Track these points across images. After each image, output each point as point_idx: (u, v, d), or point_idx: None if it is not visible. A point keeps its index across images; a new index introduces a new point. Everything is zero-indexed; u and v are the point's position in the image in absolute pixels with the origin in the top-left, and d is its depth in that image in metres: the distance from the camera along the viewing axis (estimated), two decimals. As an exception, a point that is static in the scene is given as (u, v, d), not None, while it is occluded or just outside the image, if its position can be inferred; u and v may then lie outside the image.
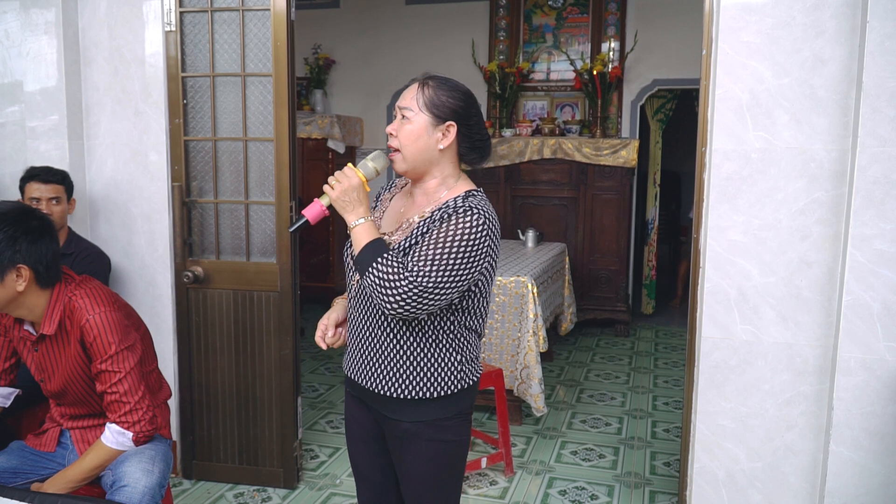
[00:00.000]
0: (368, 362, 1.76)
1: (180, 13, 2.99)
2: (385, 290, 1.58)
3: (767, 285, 2.42)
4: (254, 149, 3.04)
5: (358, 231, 1.66)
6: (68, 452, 2.26)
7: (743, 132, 2.39)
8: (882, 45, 2.15)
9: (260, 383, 3.13)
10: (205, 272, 3.10)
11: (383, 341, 1.73)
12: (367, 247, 1.63)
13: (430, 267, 1.58)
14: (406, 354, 1.72)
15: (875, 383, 2.27)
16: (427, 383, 1.73)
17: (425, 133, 1.70)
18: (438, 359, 1.73)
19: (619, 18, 6.00)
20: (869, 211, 2.21)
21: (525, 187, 5.96)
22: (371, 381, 1.76)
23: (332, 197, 1.66)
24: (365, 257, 1.62)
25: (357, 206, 1.66)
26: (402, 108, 1.72)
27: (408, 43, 6.56)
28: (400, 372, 1.72)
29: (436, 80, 1.73)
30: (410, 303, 1.57)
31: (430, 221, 1.68)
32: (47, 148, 3.14)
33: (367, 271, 1.61)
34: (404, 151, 1.71)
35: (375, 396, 1.77)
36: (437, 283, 1.58)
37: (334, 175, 1.67)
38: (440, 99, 1.70)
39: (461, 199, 1.70)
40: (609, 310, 5.93)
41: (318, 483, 3.25)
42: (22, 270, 1.98)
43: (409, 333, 1.71)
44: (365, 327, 1.75)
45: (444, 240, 1.60)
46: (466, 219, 1.62)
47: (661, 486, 3.27)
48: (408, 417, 1.74)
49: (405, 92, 1.74)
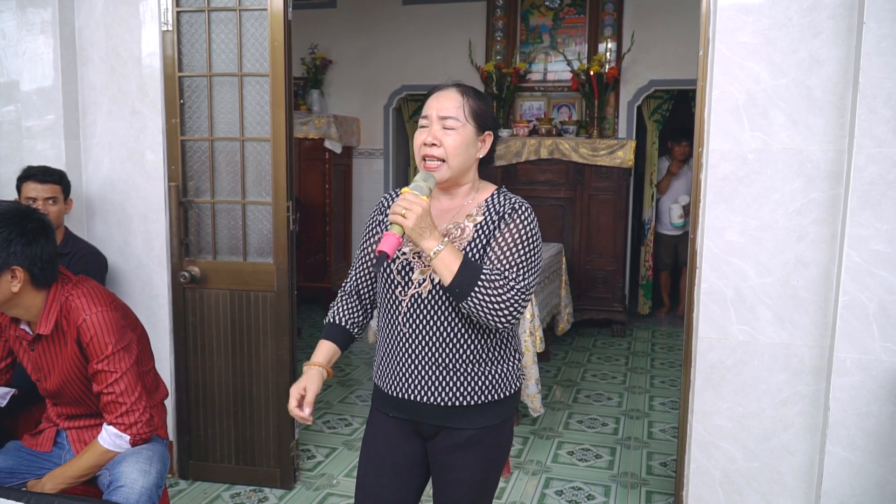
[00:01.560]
0: (427, 375, 1.71)
1: (177, 13, 2.98)
2: (495, 306, 1.58)
3: (764, 285, 2.43)
4: (250, 149, 3.04)
5: (444, 256, 1.58)
6: (65, 452, 2.25)
7: (739, 133, 2.39)
8: (878, 45, 2.15)
9: (256, 383, 3.12)
10: (201, 272, 3.10)
11: (450, 351, 1.69)
12: (462, 269, 1.58)
13: (523, 270, 1.63)
14: (475, 359, 1.70)
15: (871, 383, 2.27)
16: (495, 385, 1.73)
17: (471, 143, 1.71)
18: (503, 358, 1.75)
19: (615, 19, 6.01)
20: (865, 211, 2.22)
21: (522, 188, 5.95)
22: (432, 395, 1.71)
23: (409, 227, 1.56)
24: (464, 280, 1.58)
25: (433, 230, 1.59)
26: (445, 117, 1.67)
27: (405, 43, 6.56)
28: (470, 379, 1.70)
29: (472, 90, 1.74)
30: (518, 309, 1.61)
31: (487, 224, 1.70)
32: (44, 147, 3.13)
33: (473, 293, 1.57)
34: (451, 161, 1.68)
35: (436, 409, 1.72)
36: (532, 283, 1.65)
37: (398, 203, 1.58)
38: (482, 109, 1.72)
39: (498, 196, 1.75)
40: (606, 310, 5.94)
41: (315, 483, 3.25)
42: (16, 272, 1.97)
43: (477, 338, 1.70)
44: (422, 340, 1.70)
45: (519, 241, 1.65)
46: (524, 216, 1.69)
47: (658, 486, 3.27)
48: (474, 424, 1.73)
49: (441, 100, 1.70)
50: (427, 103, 1.73)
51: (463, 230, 1.71)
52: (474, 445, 1.74)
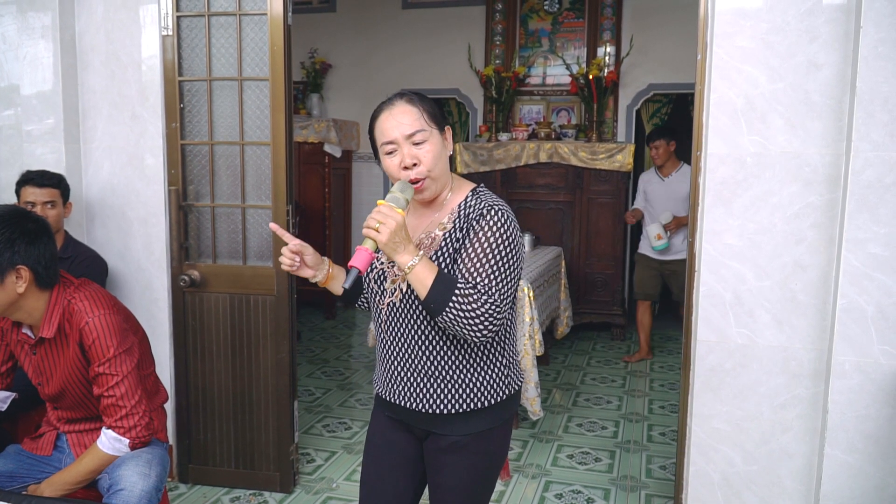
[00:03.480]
0: (407, 382, 1.71)
1: (177, 17, 2.99)
2: (470, 320, 1.52)
3: (762, 289, 2.43)
4: (250, 153, 3.05)
5: (418, 271, 1.53)
6: (65, 456, 2.25)
7: (738, 136, 2.40)
8: (875, 49, 2.16)
9: (256, 387, 3.13)
10: (201, 276, 3.10)
11: (427, 359, 1.69)
12: (436, 284, 1.53)
13: (497, 279, 1.56)
14: (452, 369, 1.68)
15: (870, 386, 2.28)
16: (476, 394, 1.70)
17: (442, 147, 1.68)
18: (484, 368, 1.71)
19: (614, 23, 6.02)
20: (863, 215, 2.22)
21: (521, 191, 5.97)
22: (417, 401, 1.71)
23: (382, 241, 1.51)
24: (438, 295, 1.53)
25: (407, 244, 1.54)
26: (411, 133, 1.62)
27: (404, 47, 6.58)
28: (448, 387, 1.69)
29: (414, 93, 1.70)
30: (495, 321, 1.54)
31: (456, 232, 1.65)
32: (43, 152, 3.14)
33: (447, 308, 1.53)
34: (433, 173, 1.64)
35: (422, 415, 1.72)
36: (508, 292, 1.57)
37: (372, 216, 1.52)
38: (434, 109, 1.68)
39: (472, 198, 1.69)
40: (605, 313, 5.94)
41: (315, 487, 3.25)
42: (21, 271, 1.98)
43: (454, 347, 1.68)
44: (403, 349, 1.71)
45: (491, 248, 1.57)
46: (496, 219, 1.60)
47: (657, 489, 3.27)
48: (458, 431, 1.71)
49: (396, 118, 1.63)
50: (381, 127, 1.65)
51: (433, 239, 1.68)
52: (459, 451, 1.72)
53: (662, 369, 5.13)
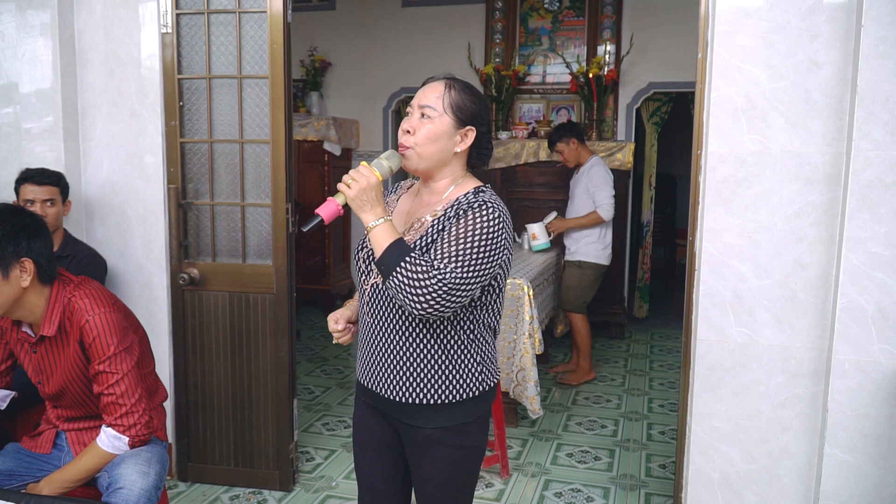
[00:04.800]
0: (386, 370, 1.72)
1: (177, 15, 2.98)
2: (413, 290, 1.54)
3: (762, 288, 2.43)
4: (250, 151, 3.04)
5: (378, 232, 1.59)
6: (64, 454, 2.25)
7: (738, 135, 2.40)
8: (876, 48, 2.16)
9: (256, 386, 3.12)
10: (201, 274, 3.10)
11: (402, 347, 1.69)
12: (390, 247, 1.57)
13: (456, 263, 1.56)
14: (427, 359, 1.69)
15: (869, 385, 2.28)
16: (450, 387, 1.71)
17: (446, 135, 1.68)
18: (460, 361, 1.71)
19: (614, 21, 6.01)
20: (863, 214, 2.22)
21: (521, 190, 5.97)
22: (390, 389, 1.72)
23: (350, 196, 1.59)
24: (389, 258, 1.56)
25: (375, 205, 1.60)
26: (424, 106, 1.67)
27: (404, 45, 6.57)
28: (421, 377, 1.69)
29: (460, 82, 1.72)
30: (441, 300, 1.54)
31: (444, 219, 1.67)
32: (42, 150, 3.13)
33: (394, 273, 1.55)
34: (420, 150, 1.67)
35: (395, 404, 1.73)
36: (463, 279, 1.57)
37: (349, 174, 1.60)
38: (465, 103, 1.69)
39: (472, 194, 1.70)
40: (604, 312, 5.93)
41: (314, 485, 3.25)
42: (25, 264, 1.98)
43: (430, 337, 1.68)
44: (381, 333, 1.72)
45: (464, 235, 1.59)
46: (483, 213, 1.61)
47: (657, 488, 3.27)
48: (430, 423, 1.71)
49: (426, 90, 1.70)
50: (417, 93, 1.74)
51: (423, 224, 1.70)
52: (434, 445, 1.73)
53: (662, 368, 5.13)
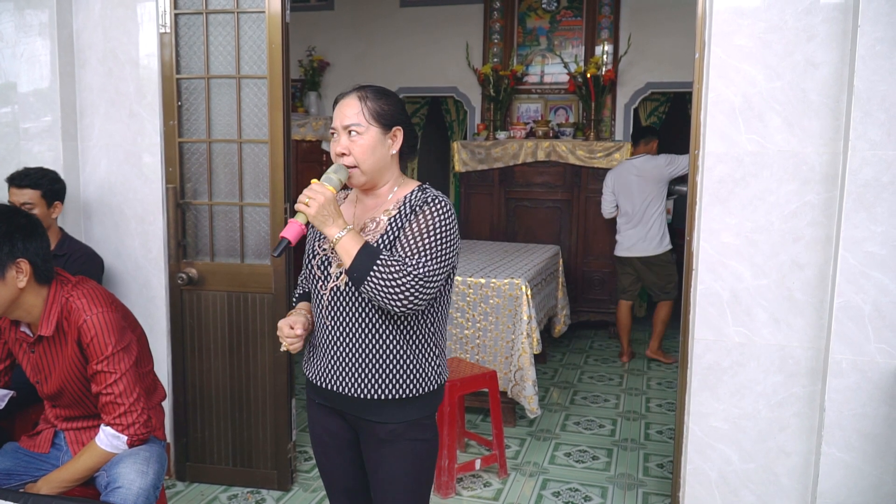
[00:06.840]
0: (346, 368, 1.76)
1: (175, 15, 2.98)
2: (391, 289, 1.62)
3: (760, 287, 2.44)
4: (248, 151, 3.04)
5: (345, 242, 1.67)
6: (62, 454, 2.25)
7: (735, 135, 2.40)
8: (873, 48, 2.17)
9: (254, 385, 3.12)
10: (199, 274, 3.10)
11: (368, 345, 1.74)
12: (359, 254, 1.65)
13: (427, 257, 1.66)
14: (393, 354, 1.74)
15: (866, 385, 2.28)
16: (414, 381, 1.77)
17: (379, 143, 1.76)
18: (422, 355, 1.78)
19: (612, 22, 6.02)
20: (860, 214, 2.23)
21: (519, 189, 5.97)
22: (355, 388, 1.76)
23: (311, 214, 1.66)
24: (361, 264, 1.64)
25: (336, 217, 1.68)
26: (348, 125, 1.73)
27: (402, 45, 6.57)
28: (387, 374, 1.75)
29: (369, 90, 1.77)
30: (417, 294, 1.63)
31: (400, 217, 1.74)
32: (41, 149, 3.13)
33: (369, 276, 1.63)
34: (362, 166, 1.75)
35: (357, 402, 1.77)
36: (434, 270, 1.67)
37: (304, 192, 1.68)
38: (382, 108, 1.76)
39: (418, 191, 1.79)
40: (603, 312, 5.95)
41: (312, 485, 3.25)
42: (22, 265, 1.98)
43: (395, 333, 1.74)
44: (343, 335, 1.76)
45: (426, 230, 1.68)
46: (437, 207, 1.71)
47: (655, 487, 3.28)
48: (392, 419, 1.77)
49: (342, 108, 1.75)
50: (334, 113, 1.78)
51: (378, 224, 1.77)
52: (397, 440, 1.78)
53: (660, 367, 5.14)
